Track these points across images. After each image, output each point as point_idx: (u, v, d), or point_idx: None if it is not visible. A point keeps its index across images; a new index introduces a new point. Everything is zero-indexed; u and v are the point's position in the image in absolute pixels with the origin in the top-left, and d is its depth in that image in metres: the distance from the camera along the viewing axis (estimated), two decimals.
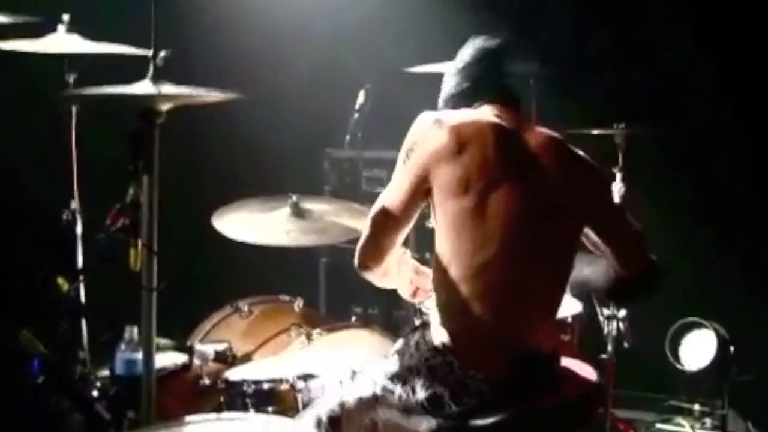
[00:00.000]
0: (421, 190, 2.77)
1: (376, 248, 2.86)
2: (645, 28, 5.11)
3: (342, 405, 2.84)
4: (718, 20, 4.96)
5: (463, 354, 2.74)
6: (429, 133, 2.78)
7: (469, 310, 2.74)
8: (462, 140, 2.75)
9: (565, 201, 2.82)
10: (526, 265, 2.77)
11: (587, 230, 2.90)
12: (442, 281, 2.79)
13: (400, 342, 3.00)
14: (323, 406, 2.87)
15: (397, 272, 3.02)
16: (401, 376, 2.79)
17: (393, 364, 2.85)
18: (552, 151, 2.85)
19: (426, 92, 3.13)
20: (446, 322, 2.79)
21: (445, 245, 2.76)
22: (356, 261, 2.91)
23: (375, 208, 2.84)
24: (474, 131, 2.78)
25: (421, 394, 2.74)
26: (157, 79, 2.76)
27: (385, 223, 2.83)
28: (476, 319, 2.74)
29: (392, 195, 2.81)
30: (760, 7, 4.91)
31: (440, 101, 3.02)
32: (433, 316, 2.87)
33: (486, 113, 2.87)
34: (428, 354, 2.78)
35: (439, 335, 2.79)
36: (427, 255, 3.43)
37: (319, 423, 2.78)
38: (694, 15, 4.98)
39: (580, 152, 2.91)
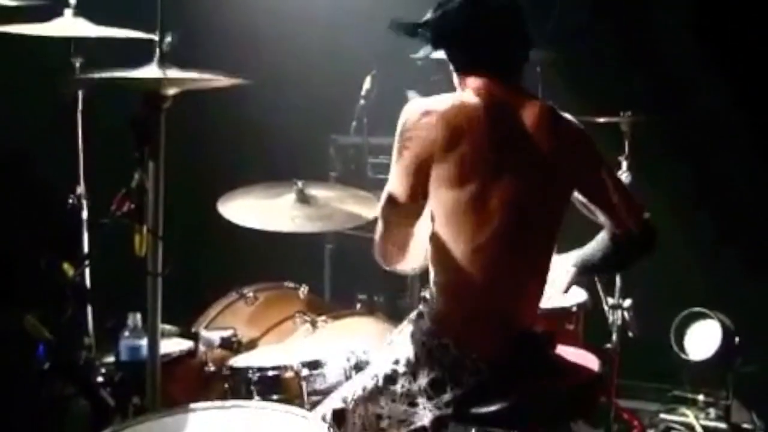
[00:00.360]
0: (422, 181, 2.74)
1: (394, 244, 2.82)
2: (651, 15, 5.09)
3: (345, 399, 2.85)
4: (724, 7, 4.93)
5: (457, 335, 2.76)
6: (420, 126, 2.74)
7: (466, 290, 2.77)
8: (455, 131, 2.72)
9: (557, 171, 2.84)
10: (520, 246, 2.80)
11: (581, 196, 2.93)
12: (439, 263, 2.81)
13: (397, 330, 3.01)
14: (328, 402, 2.88)
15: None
16: (401, 365, 2.80)
17: (392, 354, 2.86)
18: (543, 122, 2.84)
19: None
20: (442, 303, 2.82)
21: (441, 229, 2.76)
22: (379, 260, 2.86)
23: (381, 204, 2.80)
24: (466, 119, 2.75)
25: (422, 380, 2.76)
26: (163, 63, 2.75)
27: (395, 218, 2.79)
28: (472, 299, 2.78)
29: (395, 189, 2.77)
30: None
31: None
32: (429, 299, 2.88)
33: (476, 93, 2.83)
34: (425, 338, 2.80)
35: (434, 319, 2.80)
36: None
37: (324, 419, 2.79)
38: (700, 3, 4.96)
39: (569, 117, 2.92)
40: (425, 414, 2.75)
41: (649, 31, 5.08)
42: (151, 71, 2.72)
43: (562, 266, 3.12)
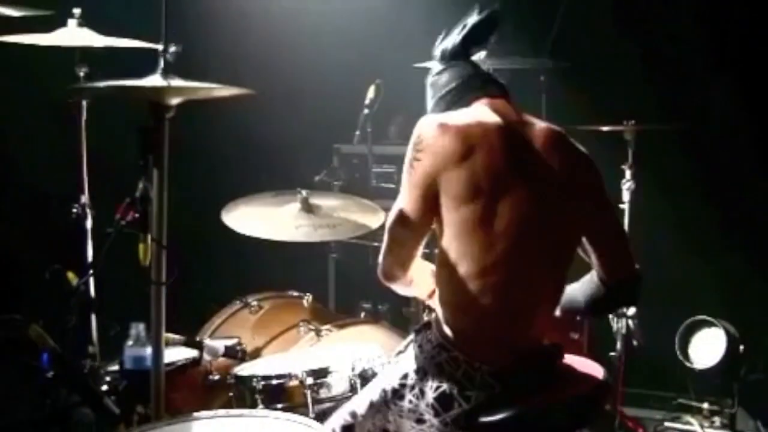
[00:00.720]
0: (433, 197, 2.71)
1: (397, 260, 2.82)
2: (654, 23, 5.09)
3: (354, 414, 2.85)
4: (727, 14, 4.94)
5: (467, 348, 2.74)
6: (434, 139, 2.71)
7: (476, 306, 2.73)
8: (469, 144, 2.70)
9: (566, 195, 2.80)
10: (532, 263, 2.76)
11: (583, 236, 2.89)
12: (449, 279, 2.76)
13: (404, 344, 3.00)
14: (335, 417, 2.87)
15: (420, 278, 2.96)
16: (409, 379, 2.79)
17: (400, 368, 2.85)
18: (554, 145, 2.81)
19: None
20: (451, 319, 2.78)
21: (452, 245, 2.72)
22: (380, 274, 2.87)
23: (390, 219, 2.79)
24: (480, 133, 2.72)
25: (430, 395, 2.73)
26: (167, 73, 2.76)
27: (403, 235, 2.78)
28: (483, 316, 2.74)
29: (405, 205, 2.75)
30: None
31: (430, 103, 2.95)
32: (437, 314, 2.87)
33: (486, 111, 2.81)
34: (434, 352, 2.77)
35: (442, 332, 2.79)
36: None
37: None
38: (703, 9, 4.96)
39: (578, 144, 2.89)
40: (436, 430, 2.74)
41: (653, 39, 5.08)
42: (154, 80, 2.73)
43: None
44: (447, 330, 2.77)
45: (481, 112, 2.81)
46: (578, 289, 3.00)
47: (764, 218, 4.94)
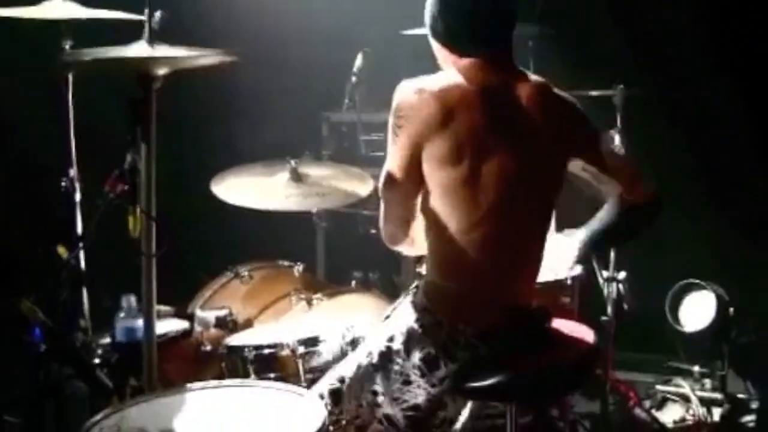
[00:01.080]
0: (418, 159, 2.73)
1: (396, 222, 2.84)
2: None
3: (342, 378, 2.86)
4: None
5: (452, 311, 2.76)
6: (414, 105, 2.71)
7: (464, 264, 2.76)
8: (448, 109, 2.70)
9: (551, 148, 2.83)
10: (519, 220, 2.80)
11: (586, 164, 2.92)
12: (437, 238, 2.80)
13: (391, 308, 3.02)
14: (324, 380, 2.88)
15: (421, 237, 2.95)
16: (396, 342, 2.81)
17: (387, 330, 2.86)
18: (539, 100, 2.82)
19: (425, 55, 3.10)
20: (439, 279, 2.82)
21: (437, 204, 2.75)
22: (385, 240, 2.89)
23: (381, 183, 2.80)
24: (459, 98, 2.73)
25: (415, 357, 2.76)
26: (152, 42, 2.74)
27: (395, 197, 2.80)
28: (471, 274, 2.78)
29: (393, 168, 2.76)
30: None
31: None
32: (424, 278, 2.88)
33: (467, 72, 2.81)
34: (419, 315, 2.80)
35: (429, 296, 2.81)
36: None
37: (321, 398, 2.80)
38: None
39: (564, 94, 2.91)
40: (419, 392, 2.77)
41: (641, 3, 5.06)
42: (140, 50, 2.71)
43: (568, 243, 3.12)
44: (433, 292, 2.80)
45: (458, 75, 2.80)
46: (600, 221, 3.05)
47: (755, 180, 4.95)
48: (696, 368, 4.70)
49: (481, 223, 2.74)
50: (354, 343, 3.38)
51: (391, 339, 2.83)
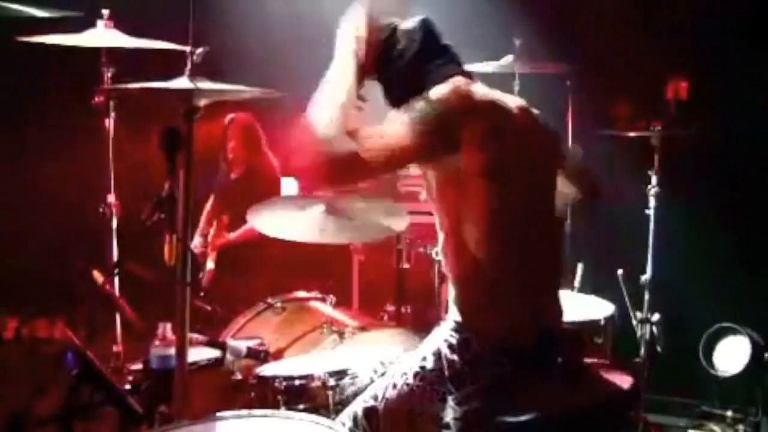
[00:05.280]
0: (432, 159, 2.75)
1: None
2: (677, 25, 5.07)
3: (376, 397, 2.86)
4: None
5: (480, 329, 2.76)
6: (464, 112, 2.74)
7: (493, 284, 2.76)
8: (498, 123, 2.75)
9: (554, 169, 2.92)
10: (549, 241, 2.86)
11: None
12: (466, 257, 2.78)
13: (427, 339, 3.02)
14: (358, 401, 2.88)
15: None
16: (429, 362, 2.82)
17: (419, 353, 2.88)
18: (533, 120, 2.90)
19: None
20: (468, 297, 2.82)
21: (468, 223, 2.75)
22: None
23: (374, 154, 2.70)
24: (504, 113, 2.80)
25: (447, 373, 2.77)
26: (194, 75, 2.77)
27: (375, 173, 2.82)
28: (499, 293, 2.78)
29: (398, 151, 2.72)
30: None
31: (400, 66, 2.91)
32: (453, 295, 2.88)
33: (494, 91, 2.86)
34: (448, 335, 2.80)
35: (459, 313, 2.81)
36: None
37: (354, 418, 2.80)
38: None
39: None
40: (451, 409, 2.76)
41: (678, 42, 5.06)
42: (183, 83, 2.75)
43: None
44: (463, 310, 2.81)
45: (492, 90, 2.86)
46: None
47: None
48: (729, 413, 4.65)
49: (521, 245, 2.77)
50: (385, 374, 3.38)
51: (423, 359, 2.83)
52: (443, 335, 2.83)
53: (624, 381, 2.94)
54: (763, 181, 4.94)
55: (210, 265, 5.14)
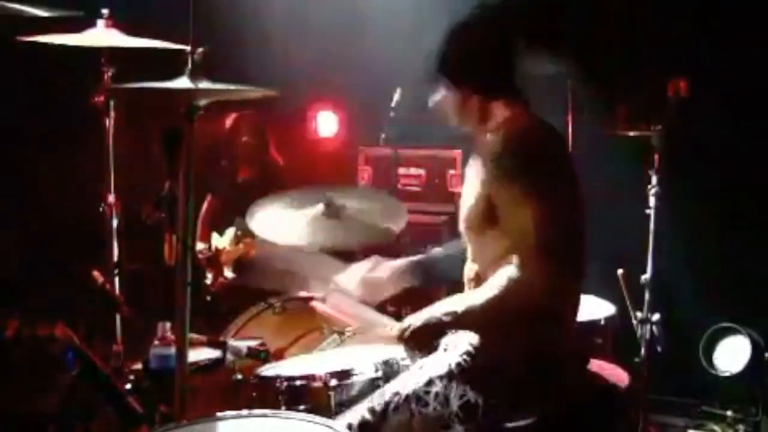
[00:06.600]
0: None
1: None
2: (680, 28, 5.07)
3: (372, 411, 2.84)
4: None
5: (494, 354, 2.73)
6: (554, 147, 2.79)
7: (569, 320, 2.82)
8: (560, 152, 2.80)
9: None
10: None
11: None
12: (545, 290, 2.75)
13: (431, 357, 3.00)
14: (355, 411, 2.87)
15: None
16: (434, 387, 2.80)
17: (425, 374, 2.85)
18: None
19: None
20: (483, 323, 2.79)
21: (558, 254, 2.73)
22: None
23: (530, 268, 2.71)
24: (558, 142, 2.81)
25: (455, 403, 2.73)
26: (194, 75, 2.77)
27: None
28: (567, 330, 2.82)
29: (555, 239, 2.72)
30: None
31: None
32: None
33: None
34: (460, 359, 2.77)
35: (469, 338, 2.79)
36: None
37: (349, 428, 2.79)
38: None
39: None
40: None
41: (680, 42, 5.05)
42: (183, 83, 2.74)
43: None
44: (474, 336, 2.77)
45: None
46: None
47: None
48: (729, 413, 4.66)
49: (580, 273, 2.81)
50: (387, 377, 3.37)
51: (429, 383, 2.81)
52: (454, 359, 2.80)
53: (621, 379, 2.94)
54: (763, 181, 4.94)
55: (229, 274, 5.04)
